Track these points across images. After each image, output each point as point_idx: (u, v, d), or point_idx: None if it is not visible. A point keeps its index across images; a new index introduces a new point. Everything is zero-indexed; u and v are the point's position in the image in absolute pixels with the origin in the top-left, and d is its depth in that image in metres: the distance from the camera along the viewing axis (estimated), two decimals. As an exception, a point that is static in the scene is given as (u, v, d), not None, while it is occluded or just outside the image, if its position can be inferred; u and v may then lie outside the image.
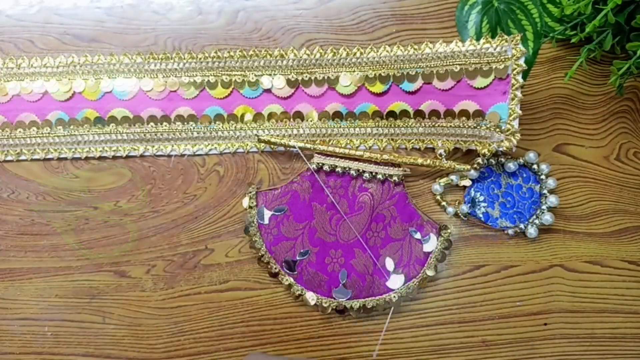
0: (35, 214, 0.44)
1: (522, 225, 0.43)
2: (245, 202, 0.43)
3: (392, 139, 0.44)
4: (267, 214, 0.43)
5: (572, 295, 0.44)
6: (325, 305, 0.43)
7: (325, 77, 0.43)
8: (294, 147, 0.43)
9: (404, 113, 0.43)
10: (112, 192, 0.44)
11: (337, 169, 0.43)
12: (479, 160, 0.42)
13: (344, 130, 0.43)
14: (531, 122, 0.45)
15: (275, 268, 0.43)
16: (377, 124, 0.43)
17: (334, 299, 0.43)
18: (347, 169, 0.43)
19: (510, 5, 0.45)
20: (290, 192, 0.43)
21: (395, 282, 0.43)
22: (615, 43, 0.42)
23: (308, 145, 0.43)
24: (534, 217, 0.44)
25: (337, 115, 0.43)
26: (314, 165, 0.43)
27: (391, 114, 0.43)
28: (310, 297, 0.43)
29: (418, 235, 0.43)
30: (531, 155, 0.43)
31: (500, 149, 0.41)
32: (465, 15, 0.45)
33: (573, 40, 0.44)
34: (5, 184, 0.44)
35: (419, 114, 0.43)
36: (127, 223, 0.44)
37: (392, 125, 0.43)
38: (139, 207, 0.44)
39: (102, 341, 0.43)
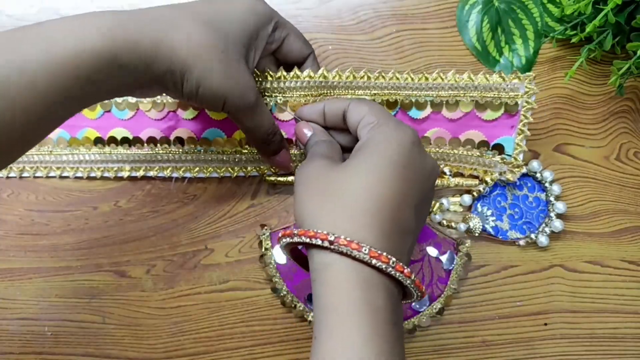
0: (36, 214, 0.44)
1: (532, 235, 0.43)
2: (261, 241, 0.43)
3: None
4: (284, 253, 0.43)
5: (572, 295, 0.44)
6: None
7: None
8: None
9: None
10: (112, 192, 0.44)
11: None
12: (482, 187, 0.43)
13: None
14: (531, 122, 0.45)
15: (300, 307, 0.42)
16: None
17: None
18: None
19: (510, 5, 0.45)
20: None
21: (421, 303, 0.42)
22: (615, 43, 0.42)
23: None
24: (544, 225, 0.43)
25: None
26: None
27: None
28: None
29: (436, 254, 0.43)
30: (534, 164, 0.43)
31: (502, 178, 0.42)
32: (466, 15, 0.45)
33: (573, 40, 0.44)
34: (5, 184, 0.44)
35: (424, 140, 0.42)
36: (127, 223, 0.44)
37: None
38: (139, 206, 0.44)
39: (102, 341, 0.43)
